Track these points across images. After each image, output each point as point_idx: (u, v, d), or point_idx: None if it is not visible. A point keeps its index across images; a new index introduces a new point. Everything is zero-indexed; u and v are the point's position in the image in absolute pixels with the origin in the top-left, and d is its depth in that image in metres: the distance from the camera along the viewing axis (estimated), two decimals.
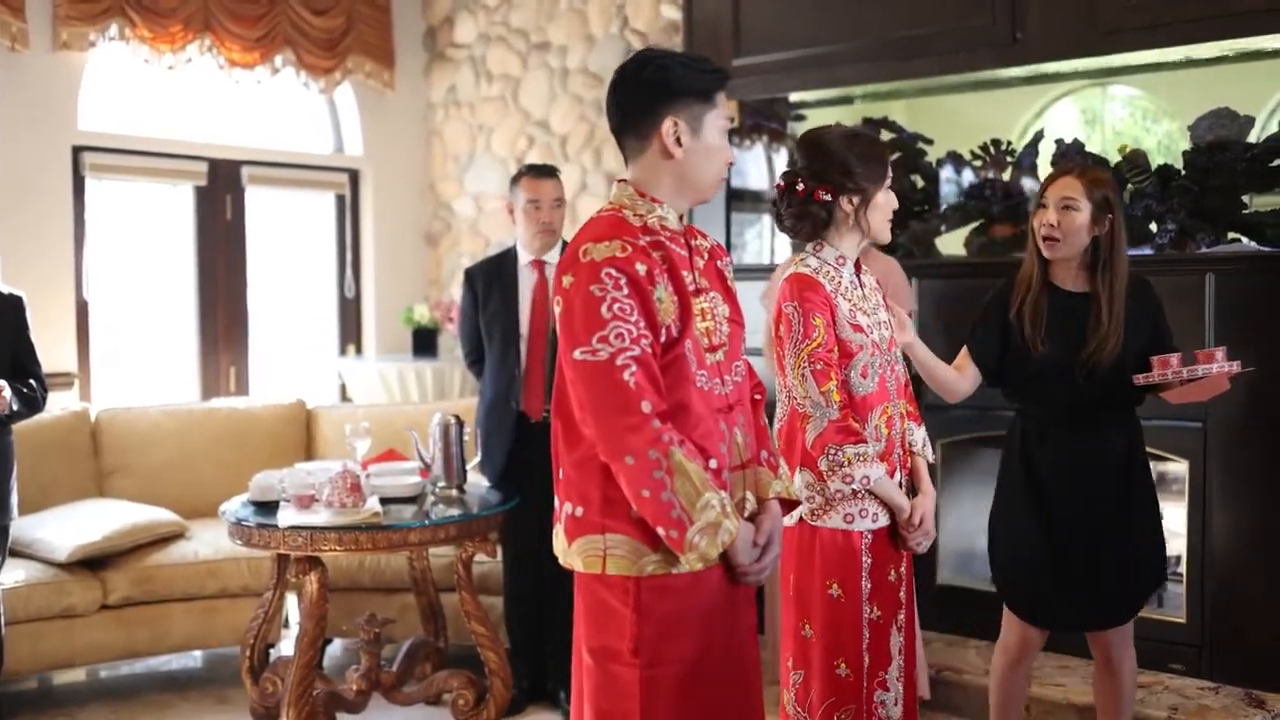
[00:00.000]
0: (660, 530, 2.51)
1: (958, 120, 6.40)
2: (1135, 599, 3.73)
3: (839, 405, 3.13)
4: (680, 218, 2.76)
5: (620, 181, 2.76)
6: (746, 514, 2.73)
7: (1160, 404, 3.70)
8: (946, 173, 5.61)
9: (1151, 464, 3.84)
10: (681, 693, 2.60)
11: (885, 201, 3.25)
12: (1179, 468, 4.78)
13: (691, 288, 2.68)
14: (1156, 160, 5.14)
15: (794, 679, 3.27)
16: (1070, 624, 3.85)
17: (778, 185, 3.28)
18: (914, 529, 3.27)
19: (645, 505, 2.50)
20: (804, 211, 3.23)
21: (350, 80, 7.34)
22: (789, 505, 2.95)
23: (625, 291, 2.52)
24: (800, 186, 3.21)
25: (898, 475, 3.29)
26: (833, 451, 3.11)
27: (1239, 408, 4.45)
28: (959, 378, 3.78)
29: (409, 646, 4.79)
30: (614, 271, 2.52)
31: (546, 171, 4.86)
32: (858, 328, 3.20)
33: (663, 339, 2.58)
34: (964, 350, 3.82)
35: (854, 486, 3.14)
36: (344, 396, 7.43)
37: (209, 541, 5.25)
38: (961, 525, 5.35)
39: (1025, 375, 3.70)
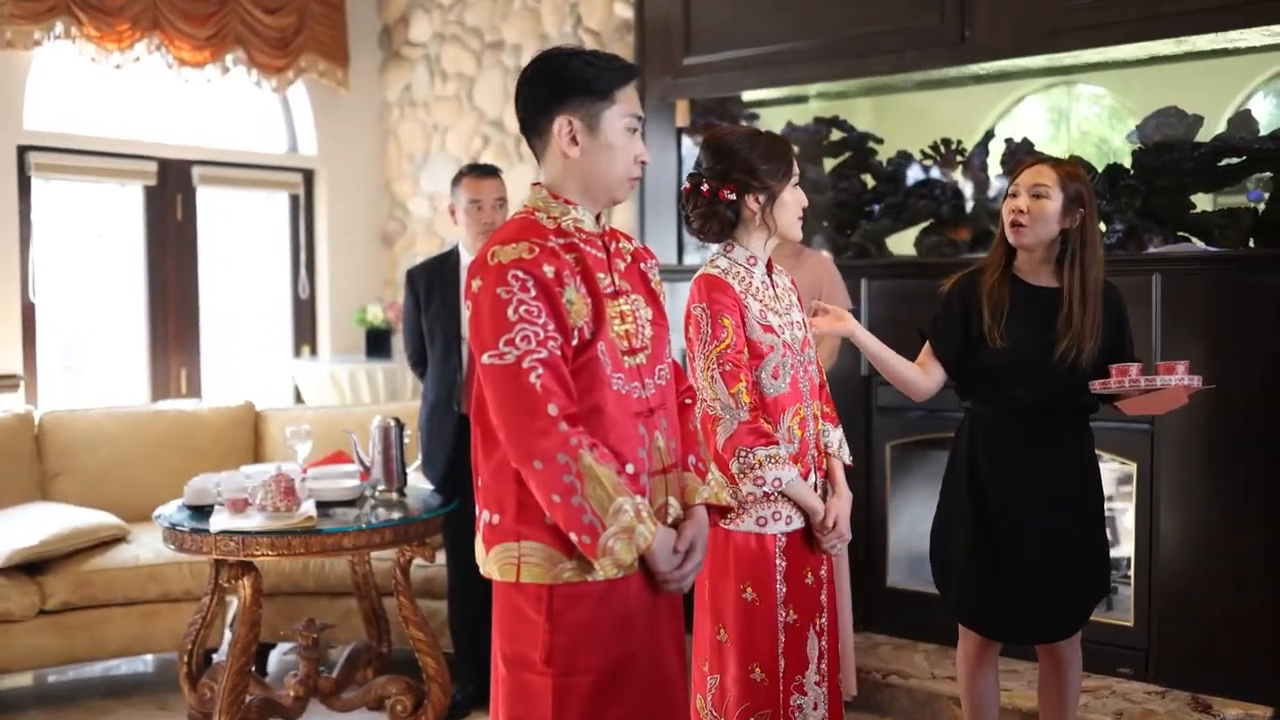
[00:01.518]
0: (573, 536, 2.46)
1: (924, 120, 6.36)
2: (1082, 612, 3.66)
3: (749, 407, 3.11)
4: (598, 219, 2.71)
5: (534, 185, 2.71)
6: (670, 520, 2.67)
7: (1118, 410, 3.63)
8: (914, 172, 5.58)
9: (1101, 466, 3.76)
10: (595, 703, 2.55)
11: (793, 199, 3.24)
12: (1127, 470, 4.75)
13: (609, 290, 2.63)
14: (1119, 159, 5.10)
15: (710, 683, 3.24)
16: (1018, 637, 3.78)
17: (684, 188, 3.28)
18: (828, 531, 3.23)
19: (556, 511, 2.46)
20: (710, 212, 3.23)
21: (304, 79, 7.28)
22: (721, 511, 2.89)
23: (532, 294, 2.47)
24: (705, 187, 3.21)
25: (813, 477, 3.25)
26: (743, 454, 3.09)
27: (1187, 410, 4.38)
28: (921, 375, 3.65)
29: (350, 652, 4.75)
30: (520, 274, 2.47)
31: (488, 171, 4.82)
32: (768, 328, 3.18)
33: (575, 341, 2.53)
34: (926, 347, 3.71)
35: (765, 489, 3.11)
36: (298, 398, 7.36)
37: (150, 545, 5.17)
38: (912, 528, 5.31)
39: (981, 369, 3.59)
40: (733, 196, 3.19)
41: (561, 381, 2.47)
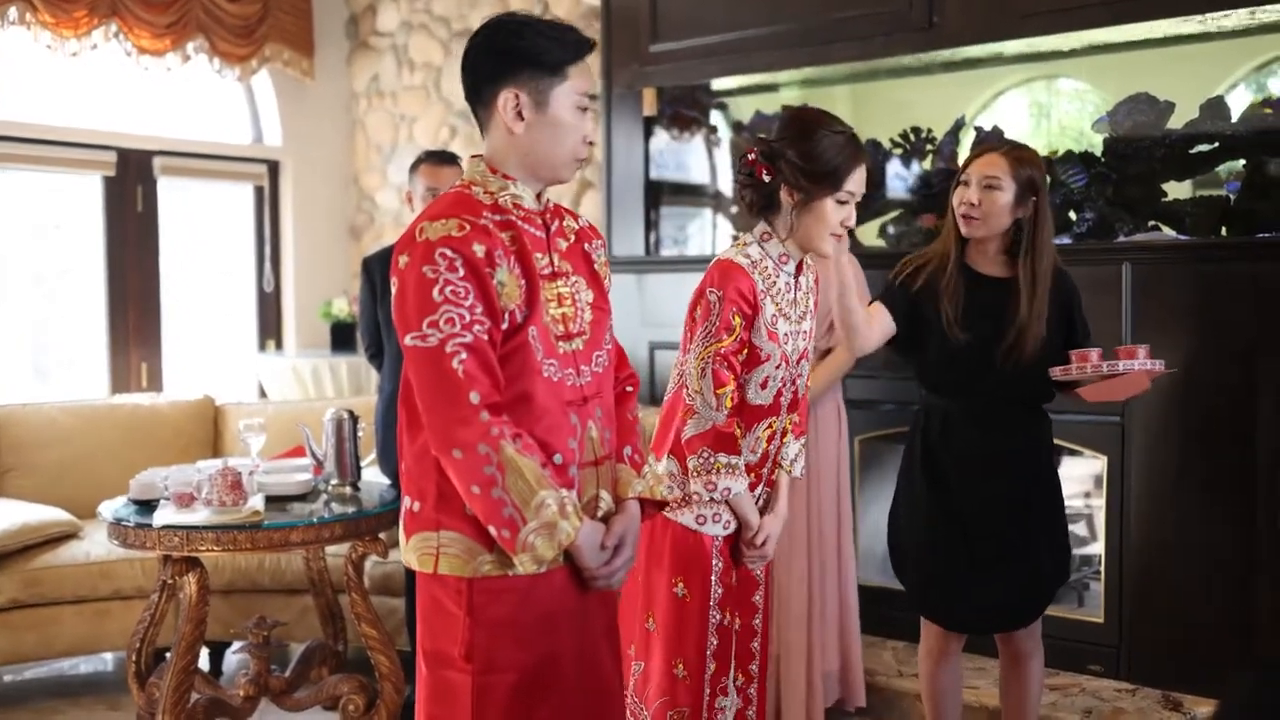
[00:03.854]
0: (492, 529, 2.34)
1: (901, 112, 6.27)
2: (1039, 601, 3.57)
3: (728, 411, 2.99)
4: (539, 196, 2.57)
5: (474, 157, 2.58)
6: (600, 514, 2.55)
7: (1079, 398, 3.53)
8: (893, 166, 5.48)
9: (1070, 459, 3.66)
10: (519, 702, 2.42)
11: (833, 214, 2.99)
12: (1098, 463, 4.65)
13: (546, 271, 2.50)
14: (1092, 149, 5.02)
15: (635, 668, 3.14)
16: (976, 627, 3.70)
17: (746, 146, 3.11)
18: (753, 548, 3.13)
19: (476, 502, 2.34)
20: (747, 181, 3.04)
21: (268, 69, 7.16)
22: (657, 506, 2.74)
23: (460, 274, 2.34)
24: (750, 156, 3.03)
25: (760, 489, 3.16)
26: (706, 454, 2.98)
27: (1158, 402, 4.32)
28: (867, 326, 3.45)
29: (305, 650, 4.63)
30: (449, 252, 2.34)
31: (446, 158, 4.71)
32: (774, 336, 3.02)
33: (505, 325, 2.40)
34: (877, 303, 3.55)
35: (715, 495, 3.00)
36: (263, 393, 7.24)
37: (103, 542, 4.99)
38: (880, 524, 5.19)
39: (938, 361, 3.50)
40: (768, 178, 3.00)
41: (486, 368, 2.35)
